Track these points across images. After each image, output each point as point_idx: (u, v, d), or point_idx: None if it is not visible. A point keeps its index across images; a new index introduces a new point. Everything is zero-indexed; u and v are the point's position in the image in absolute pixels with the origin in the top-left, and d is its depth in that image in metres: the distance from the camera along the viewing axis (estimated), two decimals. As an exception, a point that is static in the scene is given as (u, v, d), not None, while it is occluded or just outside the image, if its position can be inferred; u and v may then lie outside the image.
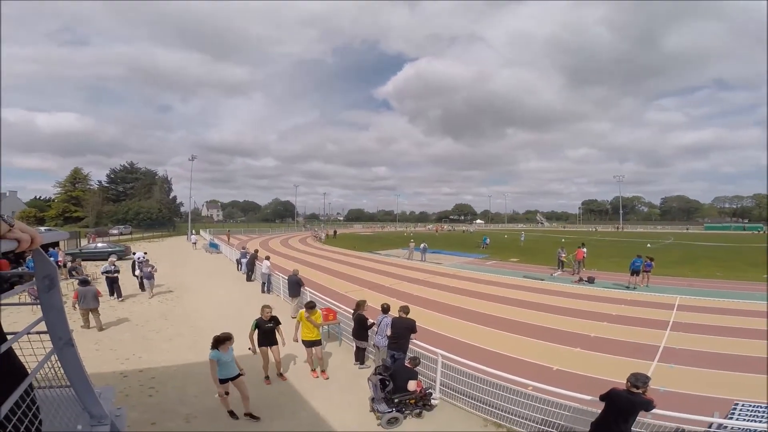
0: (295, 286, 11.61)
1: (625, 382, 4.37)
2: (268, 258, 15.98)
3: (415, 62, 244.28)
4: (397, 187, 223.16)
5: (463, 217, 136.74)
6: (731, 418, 4.65)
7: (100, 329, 10.01)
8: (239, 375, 5.82)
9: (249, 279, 17.40)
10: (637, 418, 4.37)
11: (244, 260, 19.04)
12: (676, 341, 9.47)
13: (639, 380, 4.21)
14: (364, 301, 7.93)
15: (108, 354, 8.33)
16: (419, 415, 5.97)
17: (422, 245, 26.20)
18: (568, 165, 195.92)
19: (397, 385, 5.86)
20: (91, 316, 10.12)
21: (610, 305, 13.15)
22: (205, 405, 6.23)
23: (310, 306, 7.53)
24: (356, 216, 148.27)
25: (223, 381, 5.66)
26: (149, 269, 14.26)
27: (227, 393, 5.74)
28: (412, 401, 5.95)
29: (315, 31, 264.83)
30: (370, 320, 7.69)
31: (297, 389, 6.87)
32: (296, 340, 7.37)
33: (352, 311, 7.94)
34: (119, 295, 13.39)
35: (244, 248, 22.92)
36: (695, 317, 11.54)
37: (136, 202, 63.63)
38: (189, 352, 8.58)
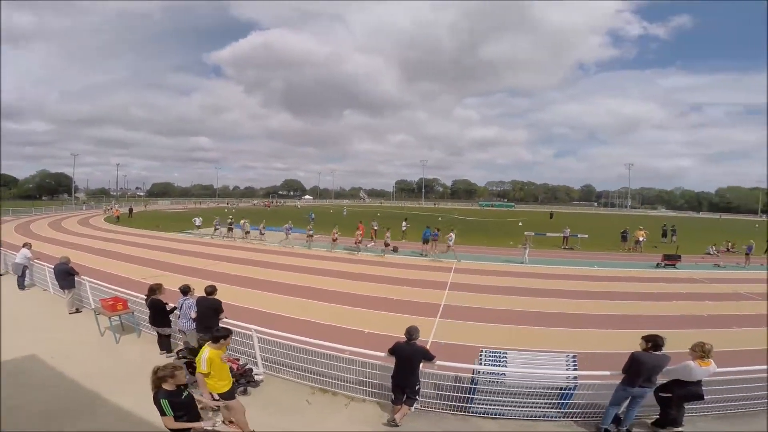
0: (65, 275, 9.19)
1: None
2: (27, 245, 11.99)
3: (266, 31, 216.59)
4: (221, 160, 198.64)
5: (292, 193, 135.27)
6: (481, 363, 5.46)
7: None
8: None
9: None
10: (423, 369, 5.25)
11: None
12: (453, 299, 11.48)
13: (410, 332, 5.21)
14: (160, 285, 7.04)
15: None
16: (245, 392, 5.85)
17: (242, 221, 24.86)
18: (390, 149, 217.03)
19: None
20: None
21: (408, 270, 15.74)
22: None
23: (218, 338, 4.62)
24: (163, 190, 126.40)
25: None
26: None
27: None
28: (233, 379, 5.76)
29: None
30: (171, 305, 6.92)
31: (90, 387, 5.70)
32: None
33: (145, 297, 6.99)
34: None
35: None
36: (467, 278, 14.50)
37: None
38: None
